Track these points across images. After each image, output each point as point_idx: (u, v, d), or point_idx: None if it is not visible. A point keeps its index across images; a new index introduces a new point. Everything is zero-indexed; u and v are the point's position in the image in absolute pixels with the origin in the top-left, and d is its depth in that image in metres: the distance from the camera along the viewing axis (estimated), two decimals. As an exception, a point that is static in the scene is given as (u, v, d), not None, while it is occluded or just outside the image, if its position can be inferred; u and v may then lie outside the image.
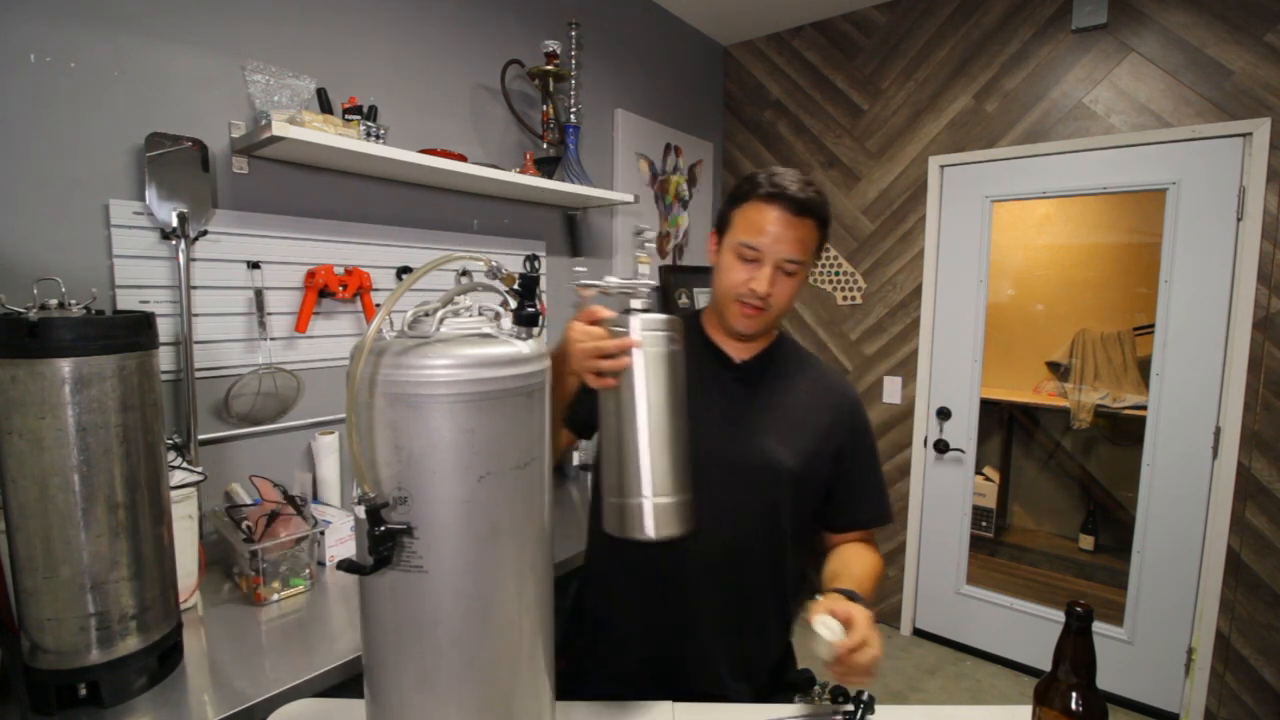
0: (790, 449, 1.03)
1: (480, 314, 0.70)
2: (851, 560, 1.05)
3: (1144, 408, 2.35)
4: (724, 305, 1.02)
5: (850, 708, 0.85)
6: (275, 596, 1.29)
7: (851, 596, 0.87)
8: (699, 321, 1.12)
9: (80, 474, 0.89)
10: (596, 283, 0.81)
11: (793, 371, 1.10)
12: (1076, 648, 0.66)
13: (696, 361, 1.05)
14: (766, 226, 0.96)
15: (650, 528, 0.76)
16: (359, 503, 0.60)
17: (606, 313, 0.81)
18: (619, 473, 0.78)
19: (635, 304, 0.81)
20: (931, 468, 2.77)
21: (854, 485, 1.10)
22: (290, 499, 1.38)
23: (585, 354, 0.78)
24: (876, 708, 0.86)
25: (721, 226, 1.05)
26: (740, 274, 0.98)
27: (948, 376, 2.71)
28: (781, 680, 1.11)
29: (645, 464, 0.76)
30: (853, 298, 2.92)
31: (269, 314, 1.55)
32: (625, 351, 0.77)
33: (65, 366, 0.87)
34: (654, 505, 0.76)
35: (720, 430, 1.01)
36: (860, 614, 0.81)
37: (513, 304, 0.70)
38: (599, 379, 0.78)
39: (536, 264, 0.74)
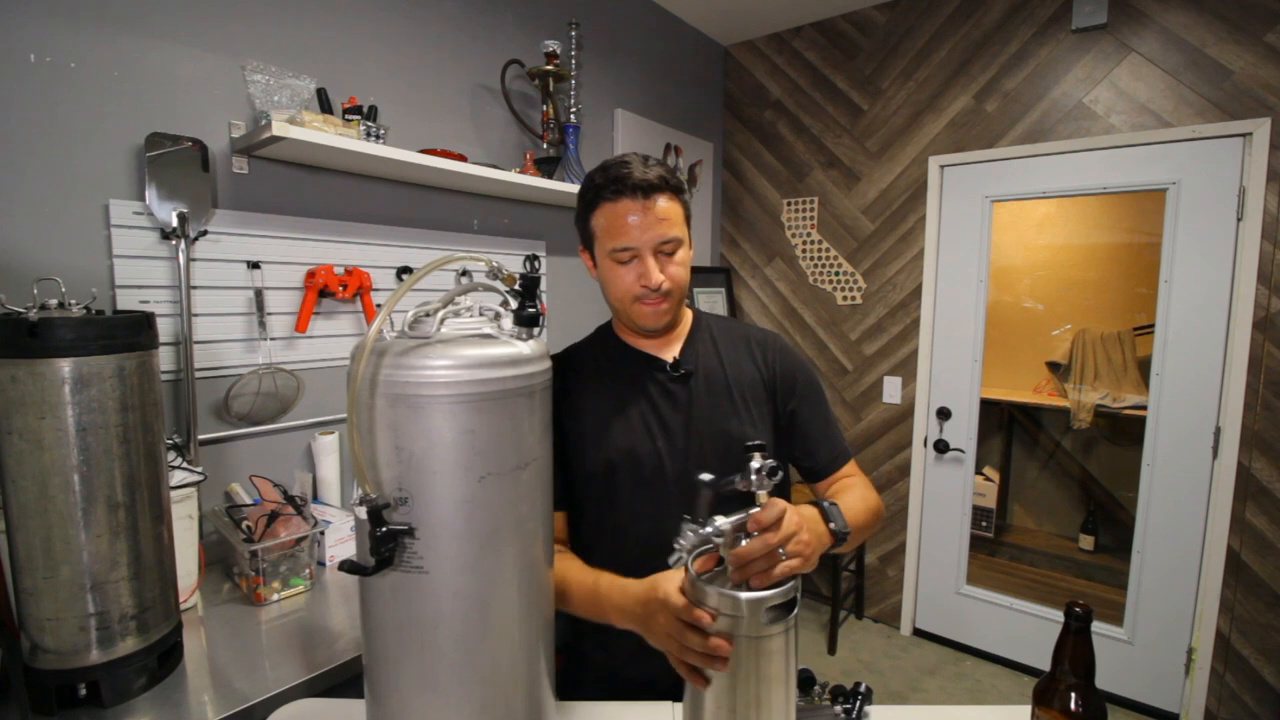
0: (753, 424, 1.03)
1: (481, 314, 0.70)
2: (838, 495, 1.02)
3: (1144, 408, 2.35)
4: (627, 311, 1.01)
5: (849, 705, 0.85)
6: (275, 596, 1.29)
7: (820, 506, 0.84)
8: (613, 333, 1.10)
9: (80, 474, 0.89)
10: (703, 529, 0.67)
11: (722, 348, 1.08)
12: (1076, 648, 0.66)
13: (629, 374, 1.05)
14: (627, 222, 0.94)
15: None
16: (360, 503, 0.60)
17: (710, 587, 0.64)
18: None
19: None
20: (931, 468, 2.77)
21: (810, 431, 1.08)
22: (290, 499, 1.38)
23: (667, 637, 0.67)
24: (877, 707, 0.86)
25: (587, 241, 1.03)
26: (627, 276, 0.97)
27: (948, 376, 2.71)
28: None
29: None
30: (853, 298, 2.92)
31: (269, 314, 1.55)
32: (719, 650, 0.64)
33: (65, 366, 0.87)
34: None
35: (682, 436, 1.00)
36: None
37: (513, 304, 0.70)
38: (690, 673, 0.67)
39: (537, 264, 0.74)
